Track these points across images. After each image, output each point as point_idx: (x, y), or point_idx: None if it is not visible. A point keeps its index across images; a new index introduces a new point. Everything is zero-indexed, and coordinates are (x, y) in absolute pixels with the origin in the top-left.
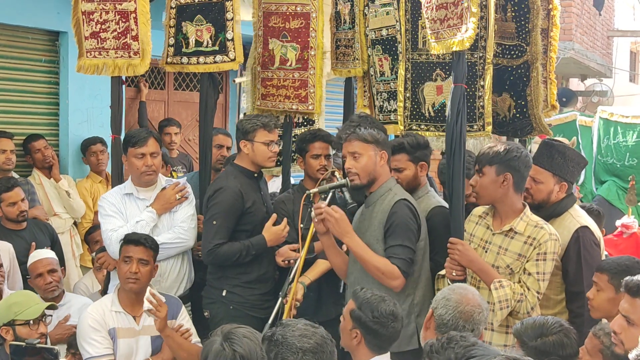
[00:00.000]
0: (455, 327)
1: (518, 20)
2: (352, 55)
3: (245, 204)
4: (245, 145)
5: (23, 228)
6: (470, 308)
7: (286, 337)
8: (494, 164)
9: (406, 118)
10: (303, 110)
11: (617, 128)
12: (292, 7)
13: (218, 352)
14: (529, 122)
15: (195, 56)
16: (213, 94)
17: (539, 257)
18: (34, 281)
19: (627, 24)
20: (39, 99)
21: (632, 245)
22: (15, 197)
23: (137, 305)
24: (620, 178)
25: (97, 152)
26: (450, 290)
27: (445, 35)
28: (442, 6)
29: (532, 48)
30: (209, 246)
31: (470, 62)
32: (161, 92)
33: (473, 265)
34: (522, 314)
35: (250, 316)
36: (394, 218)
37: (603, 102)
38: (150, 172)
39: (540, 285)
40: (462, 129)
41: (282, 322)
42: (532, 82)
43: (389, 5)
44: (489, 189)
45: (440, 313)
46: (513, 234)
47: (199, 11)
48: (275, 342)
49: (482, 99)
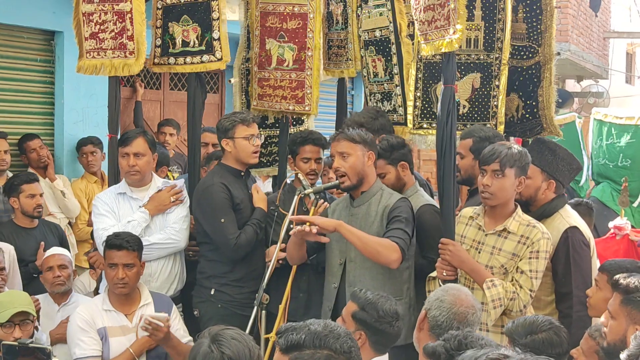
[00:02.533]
0: (449, 328)
1: (529, 22)
2: (345, 56)
3: (234, 200)
4: (227, 143)
5: (34, 227)
6: (464, 309)
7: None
8: (515, 166)
9: (416, 117)
10: (300, 111)
11: (610, 129)
12: (290, 8)
13: (206, 354)
14: (539, 123)
15: (182, 56)
16: (201, 94)
17: (532, 255)
18: (45, 275)
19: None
20: (34, 99)
21: (624, 247)
22: (35, 190)
23: (129, 303)
24: (614, 179)
25: (87, 153)
26: (444, 291)
27: (433, 37)
28: (429, 8)
29: (545, 49)
30: (232, 242)
31: (487, 62)
32: (157, 92)
33: (464, 265)
34: (515, 312)
35: (238, 315)
36: (398, 211)
37: (599, 103)
38: (133, 172)
39: (533, 282)
40: (452, 129)
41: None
42: (544, 82)
43: (383, 7)
44: (508, 191)
45: (435, 314)
46: (507, 234)
47: (185, 11)
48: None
49: (496, 99)
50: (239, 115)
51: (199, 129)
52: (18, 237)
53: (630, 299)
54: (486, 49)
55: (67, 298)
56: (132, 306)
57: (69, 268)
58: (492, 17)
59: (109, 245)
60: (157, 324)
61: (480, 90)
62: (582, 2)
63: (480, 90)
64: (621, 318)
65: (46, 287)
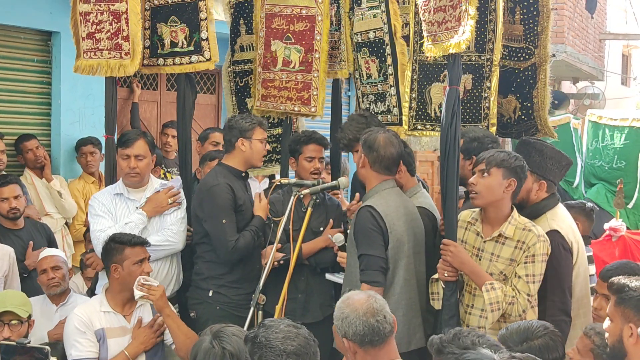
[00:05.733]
0: (371, 327)
1: (526, 23)
2: (338, 57)
3: (237, 201)
4: (244, 143)
5: (20, 228)
6: (366, 304)
7: (269, 339)
8: (502, 167)
9: (411, 118)
10: (305, 112)
11: (605, 131)
12: (297, 10)
13: (208, 350)
14: (534, 124)
15: (171, 57)
16: (191, 95)
17: (528, 260)
18: (40, 277)
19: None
20: (31, 99)
21: (620, 248)
22: (9, 193)
23: (127, 304)
24: (609, 181)
25: (87, 153)
26: (339, 310)
27: (442, 38)
28: (440, 9)
29: (541, 51)
30: (230, 245)
31: (478, 64)
32: (153, 92)
33: (465, 267)
34: (514, 317)
35: (236, 316)
36: (355, 227)
37: (595, 105)
38: (134, 174)
39: (530, 287)
40: (457, 130)
41: (264, 323)
42: (539, 84)
43: (376, 8)
44: (495, 190)
45: (353, 331)
46: (504, 240)
47: (172, 12)
48: (259, 345)
49: (487, 100)
50: (257, 118)
51: (189, 128)
52: (5, 239)
53: (622, 297)
54: (477, 50)
55: (65, 298)
56: (130, 307)
57: (63, 268)
58: (484, 18)
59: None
60: (150, 284)
61: (471, 92)
62: (578, 3)
63: (471, 92)
64: (617, 319)
65: (44, 289)
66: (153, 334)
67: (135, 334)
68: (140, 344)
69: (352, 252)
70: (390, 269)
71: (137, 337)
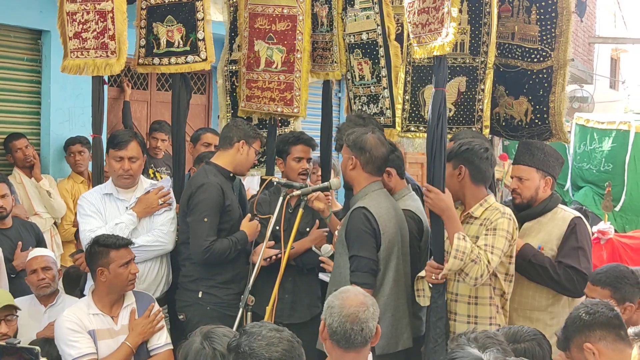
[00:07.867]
0: (344, 331)
1: (543, 24)
2: (330, 58)
3: (225, 202)
4: (243, 146)
5: (8, 227)
6: (354, 309)
7: (253, 347)
8: (450, 159)
9: (404, 120)
10: (288, 113)
11: (593, 134)
12: (279, 10)
13: (198, 351)
14: (548, 129)
15: (167, 57)
16: (185, 95)
17: (488, 232)
18: (29, 277)
19: (608, 30)
20: (20, 98)
21: (608, 251)
22: None
23: (114, 305)
24: (596, 184)
25: (75, 152)
26: (334, 297)
27: (426, 40)
28: (423, 10)
29: (560, 54)
30: (205, 244)
31: (472, 66)
32: (144, 92)
33: (445, 213)
34: (470, 277)
35: (227, 316)
36: (347, 228)
37: (584, 108)
38: (127, 176)
39: (489, 256)
40: (443, 132)
41: (245, 330)
42: (556, 88)
43: (370, 10)
44: (449, 183)
45: (329, 322)
46: (472, 220)
47: (169, 12)
48: (243, 354)
49: (481, 103)
50: (260, 133)
51: (183, 129)
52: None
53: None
54: (472, 52)
55: (54, 299)
56: (118, 308)
57: (53, 269)
58: (478, 21)
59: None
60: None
61: (465, 94)
62: None
63: (465, 94)
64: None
65: (32, 290)
66: (150, 323)
67: (132, 325)
68: (139, 334)
69: (341, 252)
70: (381, 271)
71: (134, 328)
